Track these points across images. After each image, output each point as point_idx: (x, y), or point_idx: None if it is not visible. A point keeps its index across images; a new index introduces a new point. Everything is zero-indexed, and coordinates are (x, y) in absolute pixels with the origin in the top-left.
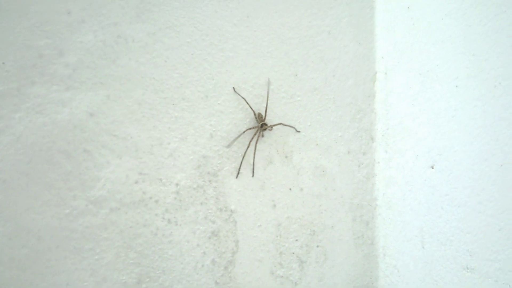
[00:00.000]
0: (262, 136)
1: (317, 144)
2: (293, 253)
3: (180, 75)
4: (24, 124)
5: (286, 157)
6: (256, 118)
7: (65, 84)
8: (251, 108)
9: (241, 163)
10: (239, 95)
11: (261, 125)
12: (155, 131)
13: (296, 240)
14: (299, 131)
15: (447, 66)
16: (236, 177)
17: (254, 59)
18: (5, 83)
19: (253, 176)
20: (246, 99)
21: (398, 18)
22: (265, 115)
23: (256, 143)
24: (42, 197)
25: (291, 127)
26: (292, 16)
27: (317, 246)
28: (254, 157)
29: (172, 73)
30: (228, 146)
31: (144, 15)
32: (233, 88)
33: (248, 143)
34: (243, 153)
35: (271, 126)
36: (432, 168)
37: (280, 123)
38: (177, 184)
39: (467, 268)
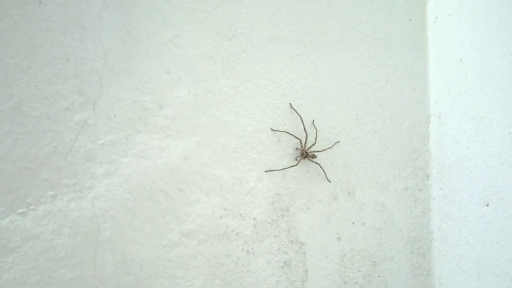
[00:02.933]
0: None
1: (377, 182)
2: (356, 283)
3: (257, 122)
4: (131, 168)
5: (349, 193)
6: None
7: (164, 133)
8: (304, 130)
9: None
10: (296, 111)
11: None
12: (236, 171)
13: (359, 270)
14: (329, 181)
15: (499, 114)
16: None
17: (320, 106)
18: (116, 132)
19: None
20: (301, 118)
21: (450, 68)
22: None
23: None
24: (144, 230)
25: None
26: (354, 67)
27: (378, 276)
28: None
29: (251, 120)
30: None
31: (228, 71)
32: (290, 104)
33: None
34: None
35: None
36: (487, 206)
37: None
38: (254, 219)
39: None
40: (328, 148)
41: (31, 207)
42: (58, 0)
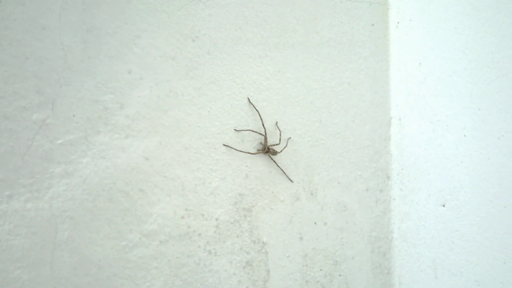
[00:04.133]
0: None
1: (339, 182)
2: (317, 282)
3: (221, 123)
4: (90, 168)
5: (312, 194)
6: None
7: (125, 133)
8: (263, 126)
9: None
10: (254, 107)
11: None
12: (199, 172)
13: (321, 269)
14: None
15: (455, 117)
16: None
17: (284, 108)
18: (75, 132)
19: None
20: (260, 114)
21: (410, 72)
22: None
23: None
24: (103, 231)
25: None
26: (317, 70)
27: (339, 275)
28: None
29: (214, 121)
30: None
31: (192, 72)
32: (248, 98)
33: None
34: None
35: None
36: (444, 206)
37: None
38: (217, 219)
39: None
40: (284, 147)
41: None
42: None
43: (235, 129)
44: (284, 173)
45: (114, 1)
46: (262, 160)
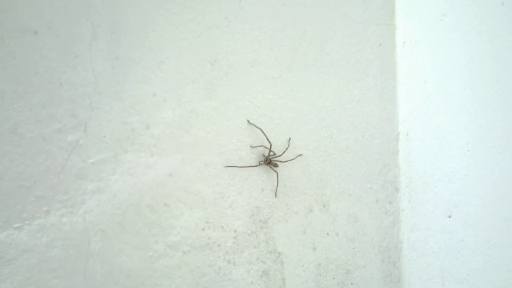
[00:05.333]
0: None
1: (350, 195)
2: None
3: (238, 140)
4: (119, 184)
5: (324, 206)
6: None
7: (150, 151)
8: (268, 140)
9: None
10: (255, 125)
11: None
12: (218, 186)
13: (333, 278)
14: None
15: (459, 133)
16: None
17: (297, 125)
18: (105, 152)
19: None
20: (263, 130)
21: (416, 89)
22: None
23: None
24: (131, 243)
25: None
26: (328, 88)
27: (351, 284)
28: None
29: (232, 139)
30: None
31: (211, 93)
32: (248, 120)
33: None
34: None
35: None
36: (450, 217)
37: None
38: (235, 231)
39: None
40: (290, 160)
41: (26, 222)
42: (52, 30)
43: (251, 146)
44: (277, 186)
45: (140, 31)
46: (276, 175)
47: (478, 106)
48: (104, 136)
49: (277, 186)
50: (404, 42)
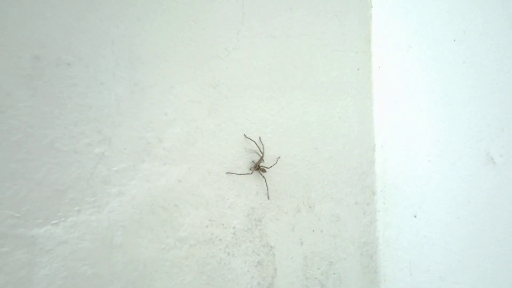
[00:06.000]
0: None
1: (332, 198)
2: (316, 278)
3: (236, 151)
4: (137, 189)
5: (310, 207)
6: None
7: (163, 161)
8: (259, 147)
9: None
10: (250, 139)
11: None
12: (219, 190)
13: (318, 268)
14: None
15: (422, 146)
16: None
17: (286, 138)
18: (126, 162)
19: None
20: (256, 143)
21: (390, 108)
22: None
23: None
24: (147, 237)
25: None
26: (313, 107)
27: (334, 273)
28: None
29: (231, 150)
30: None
31: (213, 112)
32: (244, 134)
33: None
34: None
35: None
36: (415, 217)
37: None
38: (233, 227)
39: None
40: (274, 164)
41: (62, 219)
42: (83, 62)
43: (253, 161)
44: (267, 189)
45: (154, 61)
46: (269, 181)
47: (438, 123)
48: (124, 149)
49: (267, 189)
50: (379, 67)
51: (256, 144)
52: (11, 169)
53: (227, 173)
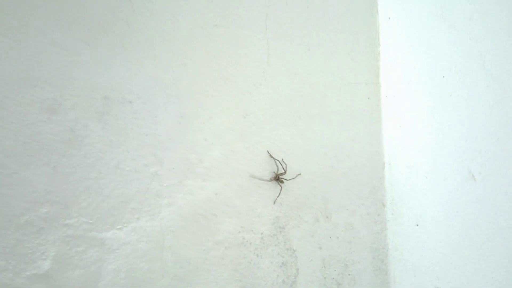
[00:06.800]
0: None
1: (347, 209)
2: (333, 278)
3: (263, 169)
4: (183, 200)
5: (327, 217)
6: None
7: (203, 178)
8: (281, 164)
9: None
10: (272, 156)
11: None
12: (249, 202)
13: (335, 270)
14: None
15: (421, 165)
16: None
17: (306, 158)
18: (174, 178)
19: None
20: (278, 160)
21: (395, 131)
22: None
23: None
24: (192, 240)
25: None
26: (329, 131)
27: (349, 275)
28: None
29: (259, 168)
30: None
31: (244, 137)
32: (267, 151)
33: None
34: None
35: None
36: (417, 225)
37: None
38: (261, 233)
39: None
40: (292, 178)
41: (125, 225)
42: (141, 99)
43: (274, 174)
44: (278, 196)
45: (197, 96)
46: (292, 194)
47: (432, 145)
48: (173, 168)
49: (277, 197)
50: (386, 96)
51: (280, 162)
52: (86, 185)
53: (251, 176)
